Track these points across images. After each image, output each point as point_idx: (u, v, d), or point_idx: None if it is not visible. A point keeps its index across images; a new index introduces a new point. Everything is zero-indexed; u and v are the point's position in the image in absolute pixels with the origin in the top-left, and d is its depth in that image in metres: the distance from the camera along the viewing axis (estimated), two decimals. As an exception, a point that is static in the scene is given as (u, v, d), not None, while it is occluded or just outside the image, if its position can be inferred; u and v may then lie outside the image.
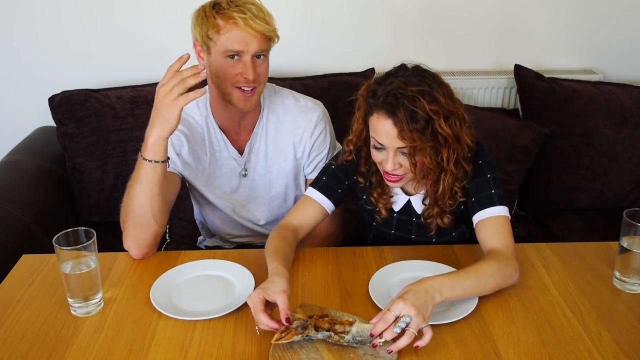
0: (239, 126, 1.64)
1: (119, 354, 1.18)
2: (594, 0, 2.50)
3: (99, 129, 2.15)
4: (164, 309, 1.28)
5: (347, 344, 1.16)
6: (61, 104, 2.14)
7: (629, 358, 1.16)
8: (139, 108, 2.18)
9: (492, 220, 1.40)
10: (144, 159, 1.38)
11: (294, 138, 1.66)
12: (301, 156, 1.68)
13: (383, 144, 1.36)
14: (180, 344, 1.20)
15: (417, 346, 1.13)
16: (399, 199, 1.54)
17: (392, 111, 1.31)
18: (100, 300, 1.32)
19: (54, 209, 2.09)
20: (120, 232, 1.49)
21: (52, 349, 1.19)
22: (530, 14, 2.50)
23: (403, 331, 1.13)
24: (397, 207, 1.55)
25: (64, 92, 2.16)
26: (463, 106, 1.41)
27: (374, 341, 1.14)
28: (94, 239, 1.28)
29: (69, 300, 1.29)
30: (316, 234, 1.63)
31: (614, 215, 1.63)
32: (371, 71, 2.36)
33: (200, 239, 1.91)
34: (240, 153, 1.66)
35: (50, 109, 2.15)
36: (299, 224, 1.51)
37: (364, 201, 1.59)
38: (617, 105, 2.29)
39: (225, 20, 1.45)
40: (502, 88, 2.54)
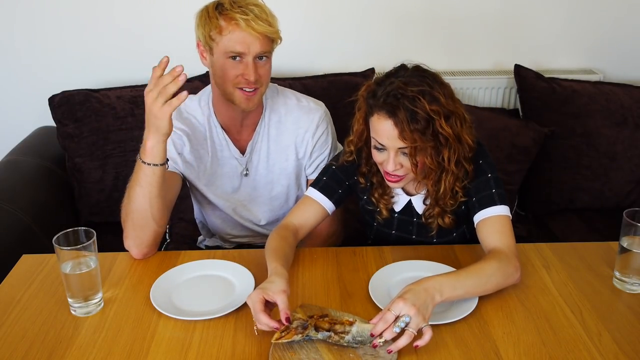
0: (241, 125, 1.64)
1: (119, 354, 1.18)
2: (594, 0, 2.50)
3: (99, 129, 2.15)
4: (164, 309, 1.28)
5: (347, 344, 1.16)
6: (61, 104, 2.14)
7: (629, 358, 1.16)
8: (139, 108, 2.18)
9: (493, 220, 1.40)
10: (143, 162, 1.38)
11: (296, 138, 1.66)
12: (303, 156, 1.68)
13: (384, 144, 1.36)
14: (180, 344, 1.20)
15: (416, 346, 1.12)
16: (400, 199, 1.54)
17: (392, 111, 1.31)
18: (100, 300, 1.32)
19: (54, 209, 2.09)
20: (121, 232, 1.49)
21: (52, 349, 1.19)
22: (530, 14, 2.50)
23: (403, 331, 1.13)
24: (398, 208, 1.55)
25: (64, 92, 2.16)
26: (463, 106, 1.41)
27: (374, 341, 1.14)
28: (94, 239, 1.28)
29: (69, 300, 1.29)
30: (317, 234, 1.63)
31: (614, 215, 1.63)
32: (371, 71, 2.36)
33: (200, 239, 1.91)
34: (242, 153, 1.66)
35: (50, 109, 2.15)
36: (299, 224, 1.51)
37: (364, 201, 1.59)
38: (617, 105, 2.29)
39: (228, 21, 1.45)
40: (502, 88, 2.54)
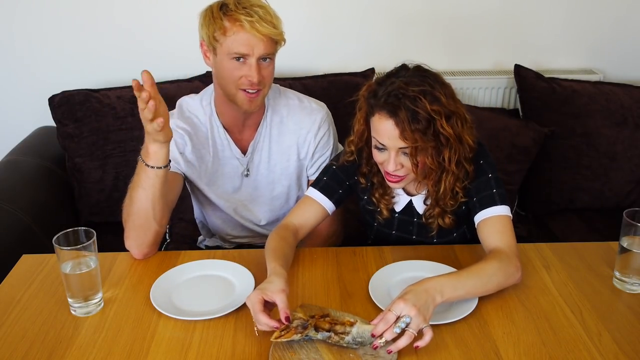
0: (243, 125, 1.63)
1: (119, 354, 1.18)
2: (594, 0, 2.50)
3: (99, 129, 2.15)
4: (164, 309, 1.28)
5: (346, 345, 1.16)
6: (61, 104, 2.14)
7: (629, 358, 1.16)
8: (139, 108, 2.18)
9: (493, 220, 1.40)
10: (146, 164, 1.37)
11: (298, 139, 1.66)
12: (304, 157, 1.68)
13: (385, 144, 1.36)
14: (180, 344, 1.20)
15: (417, 346, 1.12)
16: (400, 199, 1.54)
17: (393, 111, 1.31)
18: (100, 300, 1.31)
19: (54, 209, 2.09)
20: (121, 232, 1.49)
21: (52, 349, 1.19)
22: (530, 14, 2.50)
23: (403, 331, 1.13)
24: (398, 208, 1.55)
25: (64, 92, 2.16)
26: (464, 106, 1.41)
27: (375, 342, 1.13)
28: (94, 239, 1.28)
29: (69, 300, 1.29)
30: (317, 234, 1.63)
31: (614, 215, 1.63)
32: (371, 71, 2.36)
33: (200, 239, 1.91)
34: (244, 153, 1.66)
35: (50, 109, 2.15)
36: (299, 224, 1.51)
37: (365, 201, 1.59)
38: (617, 105, 2.29)
39: (232, 22, 1.44)
40: (502, 88, 2.54)
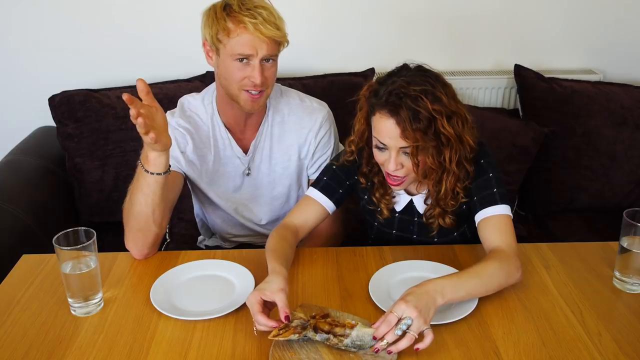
0: (245, 125, 1.63)
1: (119, 354, 1.18)
2: (594, 1, 2.50)
3: (99, 129, 2.15)
4: (164, 309, 1.28)
5: (345, 348, 1.15)
6: (61, 104, 2.14)
7: (629, 358, 1.16)
8: (139, 108, 2.18)
9: (494, 219, 1.40)
10: (145, 171, 1.36)
11: (299, 138, 1.66)
12: (305, 156, 1.68)
13: (385, 143, 1.36)
14: (180, 344, 1.20)
15: (417, 349, 1.12)
16: (401, 199, 1.54)
17: (394, 110, 1.31)
18: (100, 300, 1.31)
19: (54, 209, 2.09)
20: (121, 232, 1.49)
21: (52, 349, 1.19)
22: (530, 14, 2.50)
23: (404, 333, 1.13)
24: (399, 207, 1.55)
25: (64, 92, 2.16)
26: (465, 107, 1.41)
27: (375, 345, 1.13)
28: (94, 239, 1.28)
29: (69, 300, 1.29)
30: (317, 234, 1.63)
31: (614, 215, 1.62)
32: (371, 71, 2.36)
33: (200, 238, 1.91)
34: (245, 152, 1.66)
35: (50, 109, 2.15)
36: (299, 224, 1.51)
37: (365, 201, 1.59)
38: (617, 105, 2.29)
39: (236, 24, 1.44)
40: (502, 88, 2.54)
